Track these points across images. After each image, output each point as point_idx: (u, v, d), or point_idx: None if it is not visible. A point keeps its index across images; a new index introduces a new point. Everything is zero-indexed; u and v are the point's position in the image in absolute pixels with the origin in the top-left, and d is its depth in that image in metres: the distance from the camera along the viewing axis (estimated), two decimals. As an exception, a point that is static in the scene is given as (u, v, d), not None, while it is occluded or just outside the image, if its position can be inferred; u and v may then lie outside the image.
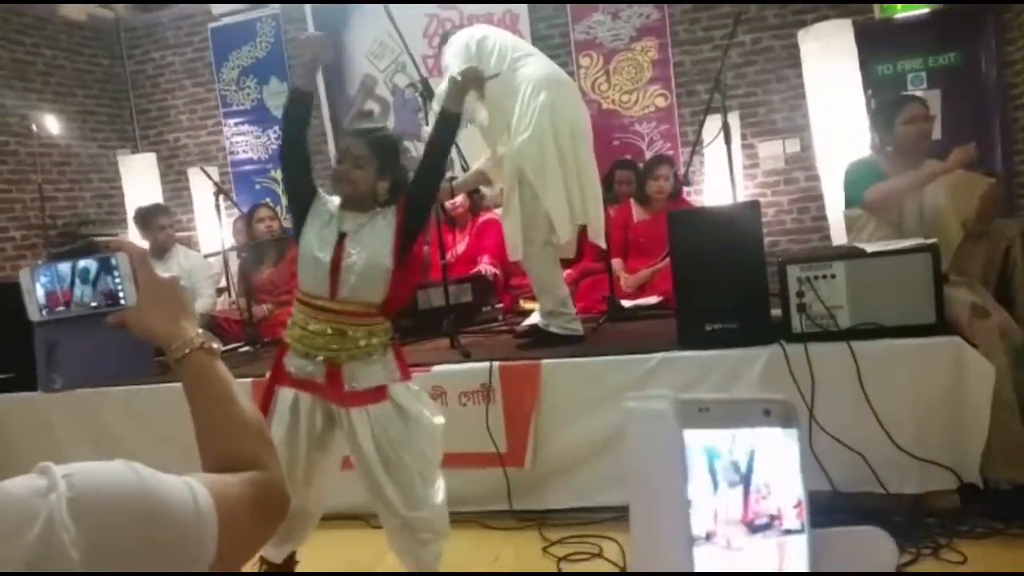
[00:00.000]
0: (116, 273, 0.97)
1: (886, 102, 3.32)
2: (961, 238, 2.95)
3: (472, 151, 3.69)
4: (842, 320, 2.69)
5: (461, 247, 4.79)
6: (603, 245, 3.52)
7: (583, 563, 2.61)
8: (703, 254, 2.83)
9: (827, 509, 2.67)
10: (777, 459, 0.55)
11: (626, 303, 4.00)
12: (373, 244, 2.24)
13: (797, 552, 0.55)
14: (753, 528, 0.54)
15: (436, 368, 3.10)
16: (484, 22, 5.90)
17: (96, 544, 0.65)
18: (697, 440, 0.55)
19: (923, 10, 5.08)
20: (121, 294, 0.97)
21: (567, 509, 2.93)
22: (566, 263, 4.63)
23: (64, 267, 0.98)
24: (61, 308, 0.98)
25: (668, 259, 3.32)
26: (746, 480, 0.54)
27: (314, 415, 2.29)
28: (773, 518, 0.54)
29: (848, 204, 3.25)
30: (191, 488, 0.76)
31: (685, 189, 5.19)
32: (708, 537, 0.55)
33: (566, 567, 2.60)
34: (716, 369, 2.81)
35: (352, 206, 2.29)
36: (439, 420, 2.38)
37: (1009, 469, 2.54)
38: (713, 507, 0.55)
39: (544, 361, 3.02)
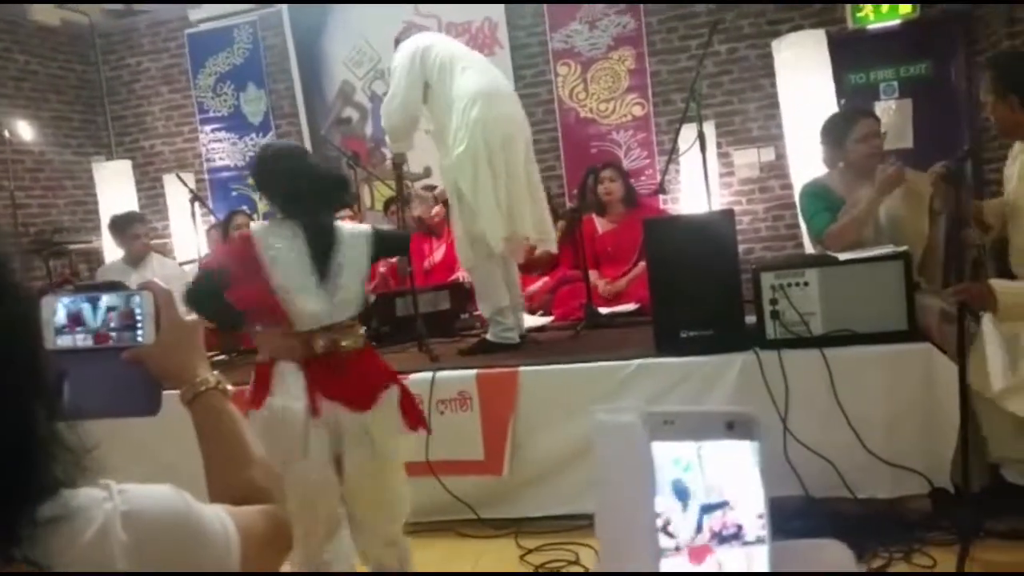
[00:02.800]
0: (138, 312, 0.99)
1: (838, 118, 3.29)
2: (924, 244, 2.98)
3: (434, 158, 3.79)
4: (815, 327, 2.72)
5: (439, 255, 4.80)
6: (553, 250, 3.75)
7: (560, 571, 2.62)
8: (678, 262, 2.86)
9: (800, 514, 2.70)
10: (740, 471, 0.56)
11: (603, 310, 4.01)
12: (356, 266, 2.27)
13: (762, 562, 0.56)
14: (721, 539, 0.55)
15: (413, 376, 3.10)
16: (463, 30, 5.92)
17: (141, 555, 0.72)
18: (666, 452, 0.56)
19: (895, 21, 5.16)
20: (140, 331, 0.99)
21: (543, 517, 2.94)
22: (543, 271, 4.68)
23: (86, 298, 0.99)
24: (75, 338, 0.98)
25: (642, 264, 3.37)
26: (713, 492, 0.55)
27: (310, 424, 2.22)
28: (740, 528, 0.55)
29: (810, 235, 3.30)
30: (220, 518, 0.83)
31: (661, 197, 5.24)
32: (677, 549, 0.55)
33: (543, 574, 2.60)
34: (692, 376, 2.83)
35: None
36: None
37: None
38: (681, 519, 0.56)
39: (522, 368, 3.03)
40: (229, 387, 1.03)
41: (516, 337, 3.43)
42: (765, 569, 0.56)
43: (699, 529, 0.55)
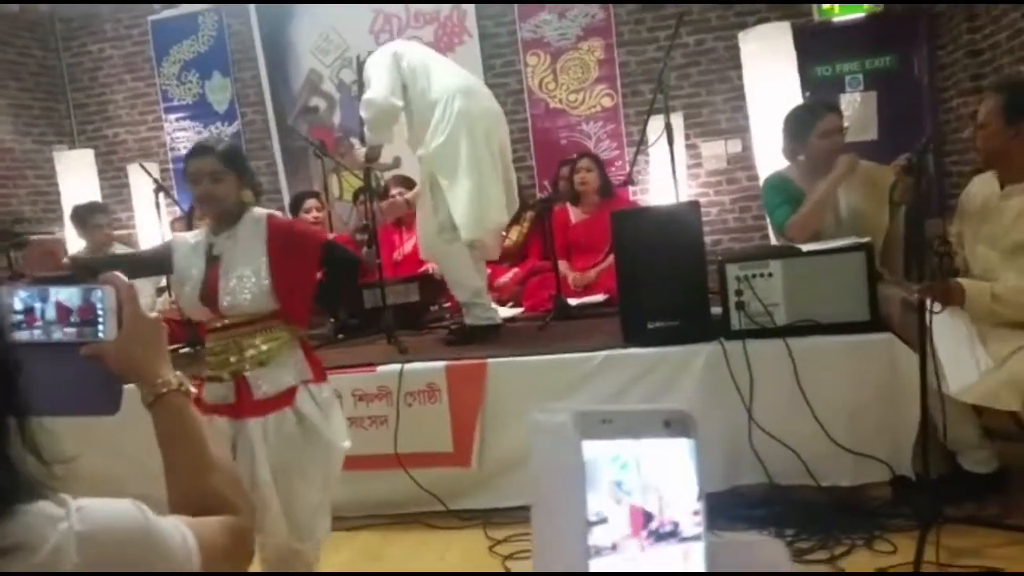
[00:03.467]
0: (99, 306, 0.95)
1: (802, 111, 3.27)
2: (884, 235, 3.02)
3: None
4: (779, 317, 2.75)
5: (408, 246, 4.77)
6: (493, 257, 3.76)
7: (528, 561, 2.62)
8: (645, 253, 2.88)
9: (765, 502, 2.74)
10: (678, 468, 0.56)
11: (573, 301, 4.03)
12: (246, 258, 2.20)
13: (698, 559, 0.56)
14: (658, 536, 0.56)
15: (381, 368, 3.09)
16: (431, 20, 5.88)
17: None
18: (604, 451, 0.56)
19: (860, 14, 5.22)
20: (100, 327, 0.95)
21: (511, 508, 2.95)
22: (513, 262, 4.68)
23: (45, 291, 0.95)
24: (32, 332, 0.94)
25: (612, 256, 3.39)
26: (650, 490, 0.55)
27: (231, 438, 2.17)
28: (676, 526, 0.56)
29: (773, 228, 3.33)
30: (180, 531, 0.82)
31: (631, 188, 5.27)
32: (614, 548, 0.56)
33: (512, 565, 2.61)
34: (659, 366, 2.86)
35: (222, 222, 2.26)
36: (345, 444, 2.29)
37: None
38: (620, 518, 0.56)
39: (490, 360, 3.03)
40: (192, 388, 1.00)
41: (498, 317, 3.46)
42: (701, 566, 0.56)
43: (636, 526, 0.55)
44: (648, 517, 0.54)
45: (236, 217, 2.25)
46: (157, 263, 2.41)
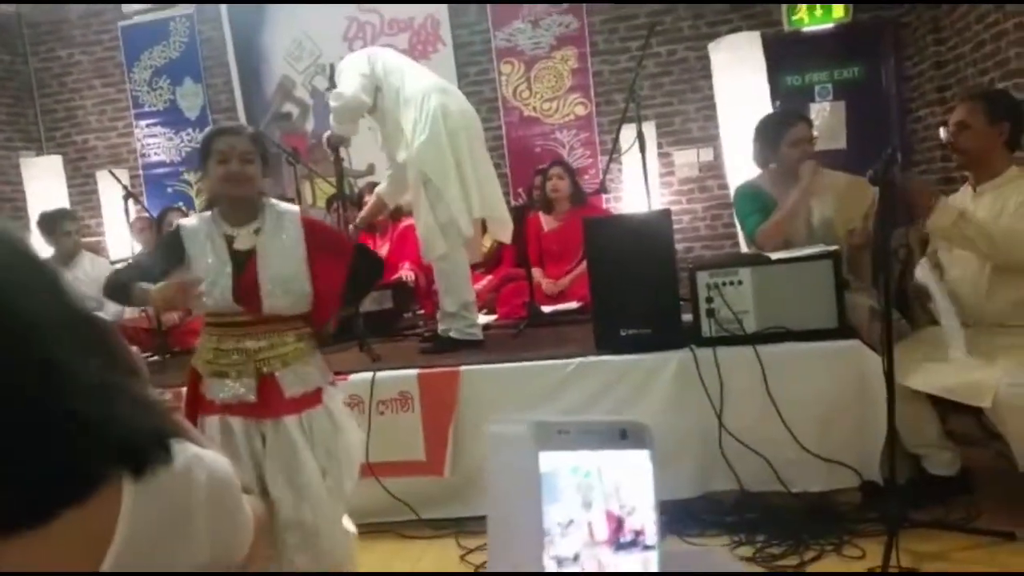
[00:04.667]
0: None
1: (773, 120, 3.34)
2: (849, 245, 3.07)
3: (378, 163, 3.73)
4: (748, 325, 2.77)
5: (382, 253, 4.75)
6: (507, 240, 3.69)
7: (501, 569, 2.62)
8: (617, 261, 2.89)
9: (736, 509, 2.76)
10: (636, 478, 0.57)
11: (546, 308, 4.04)
12: (286, 256, 2.14)
13: (654, 568, 0.57)
14: (619, 546, 0.56)
15: (353, 376, 3.07)
16: (405, 27, 5.88)
17: (210, 500, 0.78)
18: (563, 462, 0.56)
19: (828, 24, 5.30)
20: None
21: (484, 516, 2.93)
22: (487, 269, 4.69)
23: None
24: None
25: (584, 264, 3.40)
26: (611, 499, 0.56)
27: (252, 438, 2.12)
28: (637, 534, 0.56)
29: (744, 236, 3.37)
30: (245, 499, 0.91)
31: (604, 196, 5.29)
32: (576, 558, 0.56)
33: (484, 574, 2.61)
34: (631, 373, 2.87)
35: (241, 212, 2.17)
36: (361, 435, 2.34)
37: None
38: (582, 526, 0.56)
39: (463, 368, 3.02)
40: (168, 395, 1.05)
41: (480, 334, 3.41)
42: (658, 576, 0.57)
43: (597, 536, 0.56)
44: (609, 527, 0.54)
45: (255, 208, 2.17)
46: (175, 258, 2.20)
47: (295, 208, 2.22)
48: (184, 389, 2.23)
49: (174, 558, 0.75)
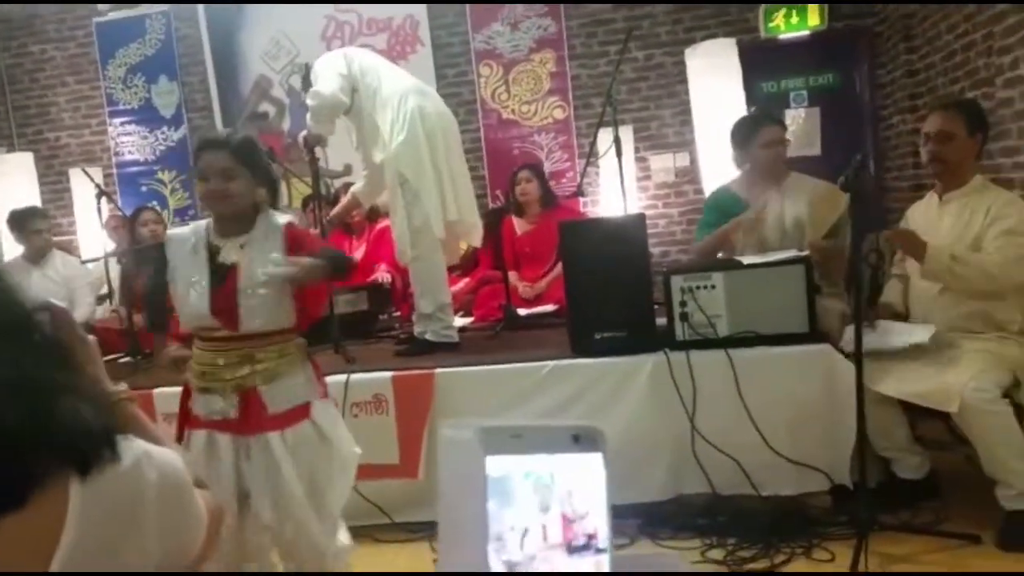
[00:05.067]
0: None
1: (745, 122, 3.40)
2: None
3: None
4: (721, 329, 2.80)
5: (358, 254, 4.73)
6: (477, 244, 3.75)
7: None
8: (592, 264, 2.90)
9: (708, 512, 2.78)
10: (590, 482, 0.57)
11: (522, 311, 4.04)
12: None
13: (605, 570, 0.57)
14: (572, 549, 0.56)
15: (327, 379, 3.03)
16: (383, 28, 5.86)
17: (160, 496, 0.79)
18: (517, 466, 0.56)
19: (804, 32, 5.35)
20: None
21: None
22: (464, 272, 4.68)
23: None
24: None
25: (560, 266, 3.41)
26: (565, 503, 0.56)
27: (237, 454, 2.10)
28: (590, 538, 0.56)
29: None
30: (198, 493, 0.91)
31: (582, 199, 5.31)
32: (530, 560, 0.56)
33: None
34: (606, 376, 2.88)
35: (231, 224, 2.11)
36: (356, 450, 2.26)
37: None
38: (532, 531, 0.57)
39: (438, 370, 3.02)
40: (131, 391, 1.05)
41: (456, 336, 3.41)
42: (609, 579, 0.57)
43: (551, 540, 0.56)
44: (562, 530, 0.55)
45: (250, 221, 2.11)
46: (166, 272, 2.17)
47: (285, 218, 2.16)
48: (155, 390, 2.22)
49: (125, 556, 0.74)
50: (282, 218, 2.15)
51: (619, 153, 3.41)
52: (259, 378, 2.07)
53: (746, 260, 2.89)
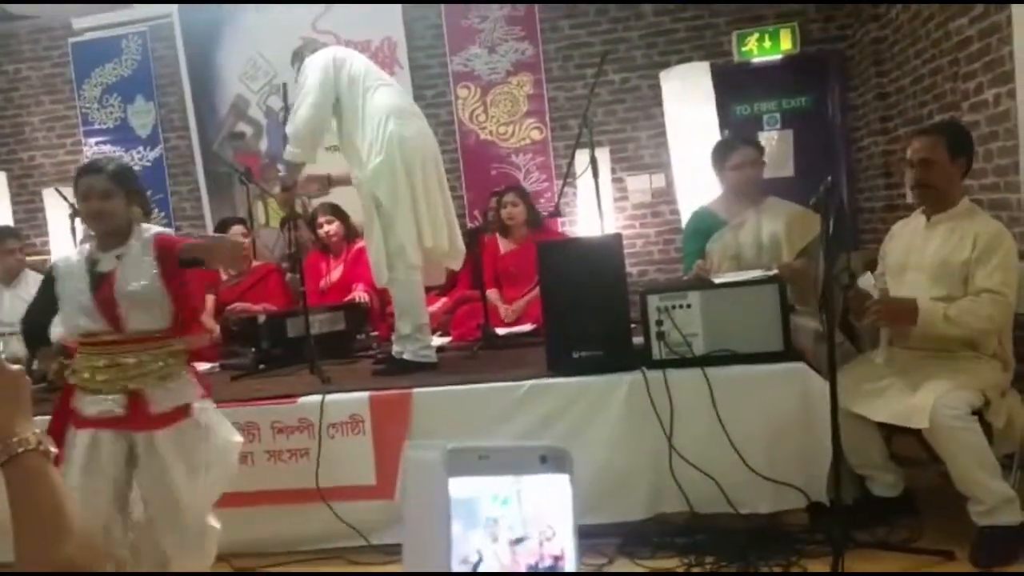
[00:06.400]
0: None
1: (720, 144, 3.48)
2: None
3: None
4: (697, 347, 2.81)
5: (336, 274, 4.72)
6: (455, 268, 3.76)
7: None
8: (570, 284, 2.91)
9: (686, 530, 2.78)
10: (556, 503, 0.58)
11: (501, 331, 4.04)
12: (140, 275, 2.34)
13: (572, 593, 0.58)
14: (539, 572, 0.57)
15: (303, 399, 3.03)
16: (362, 49, 5.87)
17: None
18: (483, 488, 0.57)
19: (777, 56, 5.44)
20: None
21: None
22: (441, 291, 4.68)
23: None
24: None
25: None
26: (530, 525, 0.56)
27: (116, 452, 2.31)
28: (556, 559, 0.57)
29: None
30: None
31: (560, 220, 5.33)
32: (495, 582, 0.56)
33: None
34: (583, 395, 2.88)
35: (109, 239, 2.40)
36: (237, 439, 2.54)
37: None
38: (498, 553, 0.57)
39: (415, 390, 3.00)
40: (52, 448, 0.92)
41: (434, 356, 3.40)
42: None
43: (517, 563, 0.56)
44: (528, 552, 0.55)
45: (126, 234, 2.40)
46: (52, 300, 2.45)
47: (156, 230, 2.46)
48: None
49: None
50: (153, 230, 2.46)
51: (596, 174, 3.43)
52: (147, 379, 2.33)
53: (721, 279, 2.92)
